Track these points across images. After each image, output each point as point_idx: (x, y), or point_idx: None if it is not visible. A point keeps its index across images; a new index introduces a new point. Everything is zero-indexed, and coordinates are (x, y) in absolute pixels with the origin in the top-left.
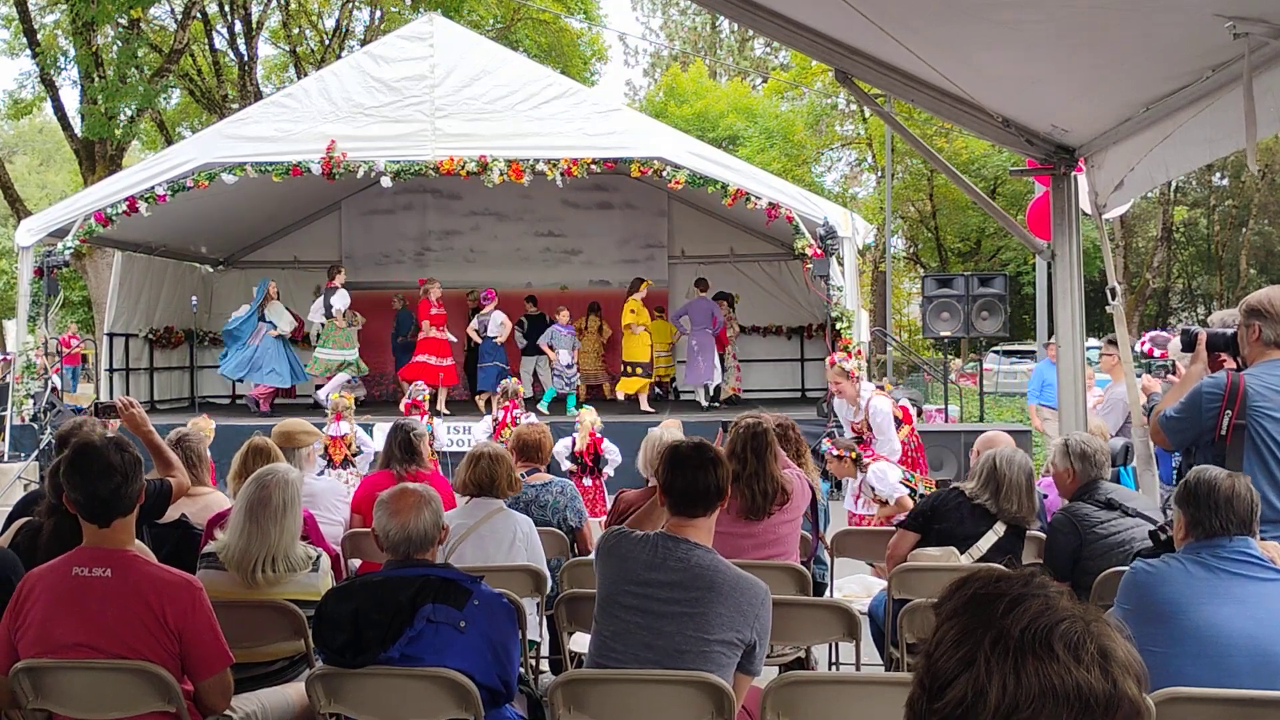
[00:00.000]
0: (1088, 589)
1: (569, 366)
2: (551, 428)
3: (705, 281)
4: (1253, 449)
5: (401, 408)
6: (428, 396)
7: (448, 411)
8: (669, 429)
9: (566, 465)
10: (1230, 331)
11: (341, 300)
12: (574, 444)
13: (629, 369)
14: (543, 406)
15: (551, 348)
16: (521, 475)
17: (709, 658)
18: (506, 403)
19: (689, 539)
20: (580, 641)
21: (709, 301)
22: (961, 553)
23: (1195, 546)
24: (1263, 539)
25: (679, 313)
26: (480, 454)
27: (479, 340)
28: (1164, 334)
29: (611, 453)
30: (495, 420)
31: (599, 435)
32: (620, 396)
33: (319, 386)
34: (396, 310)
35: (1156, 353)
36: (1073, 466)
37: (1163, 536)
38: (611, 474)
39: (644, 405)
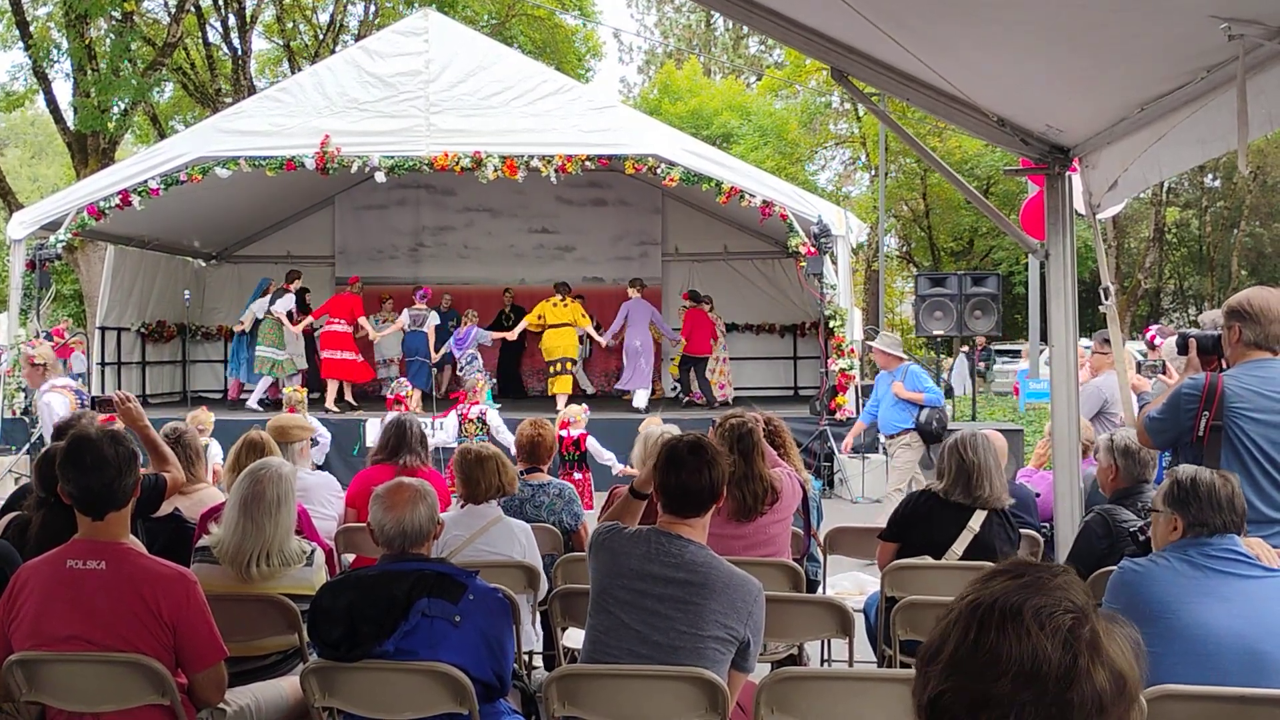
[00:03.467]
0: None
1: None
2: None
3: (640, 282)
4: (1230, 450)
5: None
6: (410, 392)
7: (355, 404)
8: (667, 426)
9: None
10: (1217, 333)
11: (284, 306)
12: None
13: (560, 366)
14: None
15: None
16: (520, 474)
17: (702, 654)
18: (475, 399)
19: (682, 535)
20: (574, 637)
21: (645, 303)
22: (937, 559)
23: (1183, 545)
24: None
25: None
26: (463, 456)
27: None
28: (1167, 328)
29: (599, 453)
30: (460, 414)
31: (583, 431)
32: (560, 398)
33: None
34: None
35: (1158, 340)
36: (1115, 463)
37: (1142, 538)
38: (615, 472)
39: (638, 404)
